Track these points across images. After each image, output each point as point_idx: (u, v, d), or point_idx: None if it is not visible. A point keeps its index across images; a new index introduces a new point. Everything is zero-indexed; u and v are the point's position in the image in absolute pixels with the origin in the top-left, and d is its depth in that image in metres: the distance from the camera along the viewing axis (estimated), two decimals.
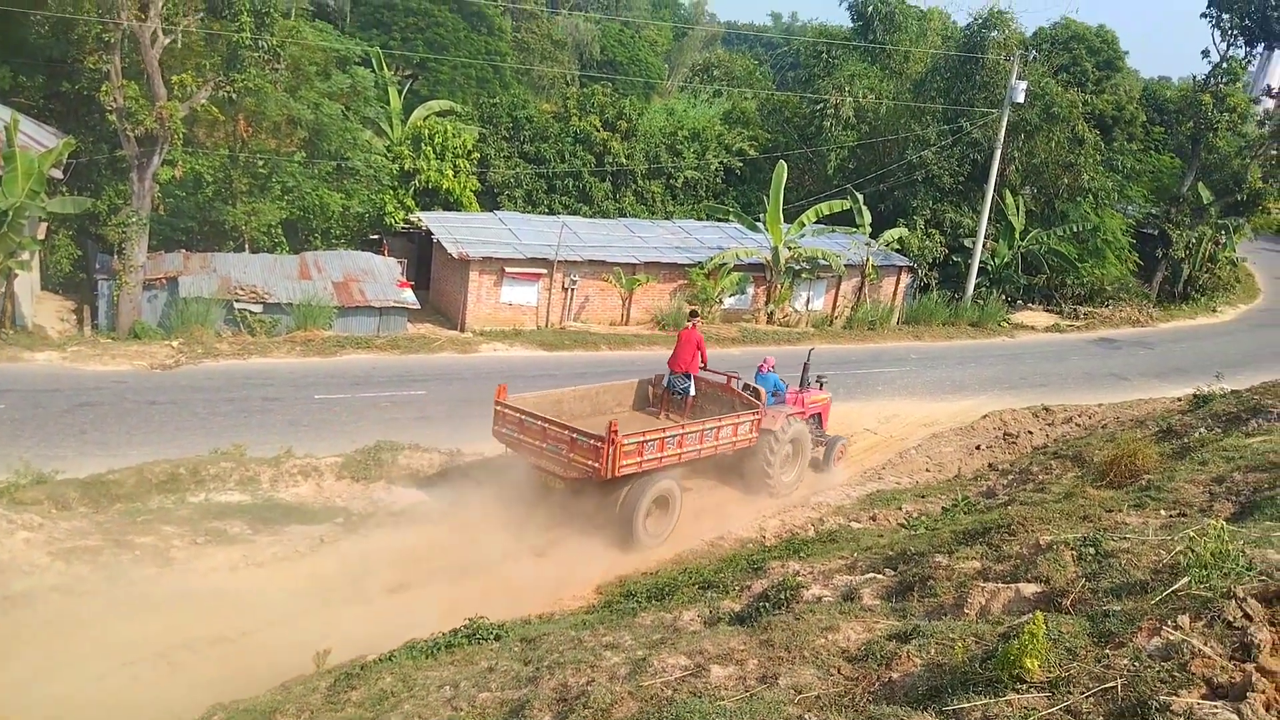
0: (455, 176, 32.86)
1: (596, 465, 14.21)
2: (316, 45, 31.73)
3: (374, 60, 36.68)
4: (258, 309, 25.48)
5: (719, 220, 36.86)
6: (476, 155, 34.07)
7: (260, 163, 28.81)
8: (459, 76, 43.31)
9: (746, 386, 17.66)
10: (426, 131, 33.10)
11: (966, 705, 3.90)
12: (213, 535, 14.56)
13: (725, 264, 32.04)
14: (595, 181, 36.82)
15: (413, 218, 31.55)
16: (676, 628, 8.60)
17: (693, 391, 17.44)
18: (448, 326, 29.21)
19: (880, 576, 8.27)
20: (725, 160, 39.86)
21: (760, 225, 34.17)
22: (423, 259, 32.61)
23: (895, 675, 4.64)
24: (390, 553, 14.49)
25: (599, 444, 14.10)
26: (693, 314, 19.13)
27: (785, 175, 33.21)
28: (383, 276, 28.34)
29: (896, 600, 6.94)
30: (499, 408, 15.60)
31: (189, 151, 26.83)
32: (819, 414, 19.70)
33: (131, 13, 22.74)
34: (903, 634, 5.30)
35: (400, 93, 37.42)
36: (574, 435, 14.54)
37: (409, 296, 27.68)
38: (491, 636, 9.07)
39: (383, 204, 31.60)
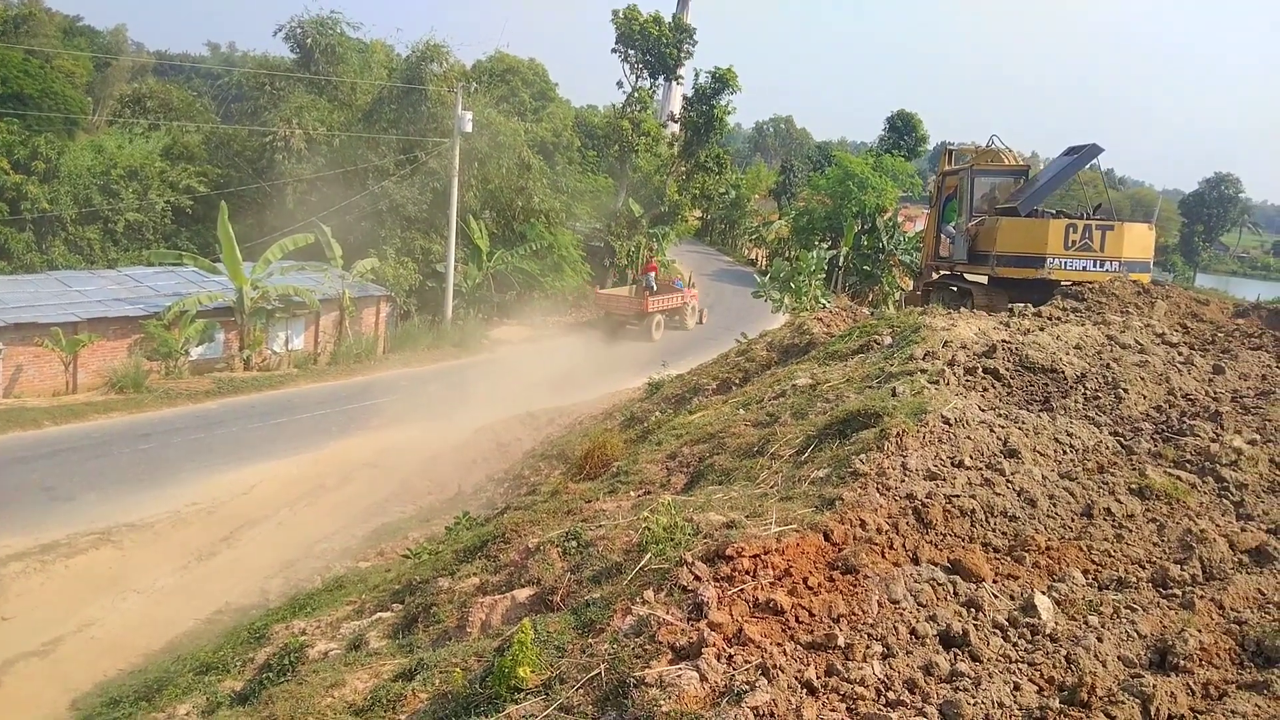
0: None
1: (643, 309, 41.52)
2: None
3: None
4: None
5: (173, 265, 33.63)
6: None
7: None
8: None
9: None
10: None
11: None
12: None
13: (187, 311, 29.31)
14: (12, 232, 32.09)
15: None
16: None
17: (654, 287, 42.91)
18: None
19: (387, 614, 8.10)
20: (173, 199, 36.57)
21: (221, 267, 31.79)
22: None
23: (402, 718, 4.51)
24: None
25: (643, 304, 41.39)
26: (649, 257, 47.35)
27: (227, 213, 31.06)
28: None
29: (403, 635, 6.82)
30: (599, 295, 43.82)
31: None
32: (695, 296, 45.72)
33: None
34: (409, 671, 5.20)
35: None
36: (630, 302, 42.23)
37: None
38: None
39: None
